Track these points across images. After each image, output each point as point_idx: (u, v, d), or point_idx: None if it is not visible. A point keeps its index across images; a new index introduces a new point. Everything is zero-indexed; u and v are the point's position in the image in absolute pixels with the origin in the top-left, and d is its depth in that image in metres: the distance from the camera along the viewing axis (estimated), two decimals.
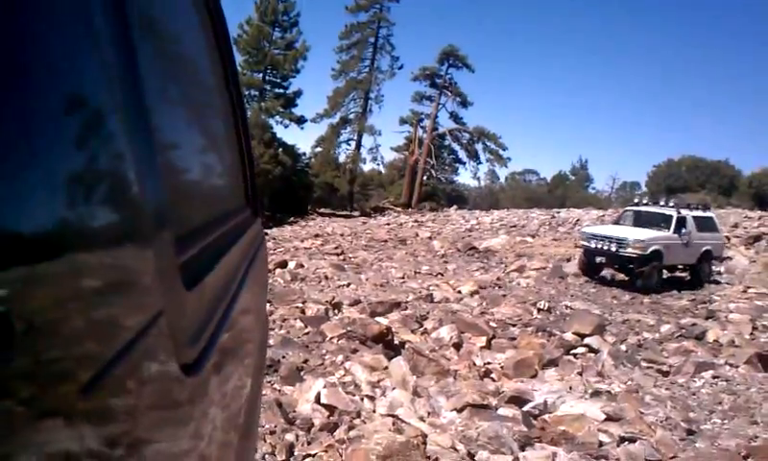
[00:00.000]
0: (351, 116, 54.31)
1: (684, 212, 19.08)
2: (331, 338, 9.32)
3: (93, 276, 0.58)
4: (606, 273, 18.97)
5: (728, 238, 24.21)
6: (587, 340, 10.67)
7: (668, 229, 18.34)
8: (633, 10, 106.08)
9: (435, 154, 53.67)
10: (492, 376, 8.86)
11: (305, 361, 8.25)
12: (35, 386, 0.47)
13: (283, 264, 16.10)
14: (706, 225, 19.70)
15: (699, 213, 20.04)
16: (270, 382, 7.30)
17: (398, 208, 46.43)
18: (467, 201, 58.30)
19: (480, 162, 55.53)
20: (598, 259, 18.27)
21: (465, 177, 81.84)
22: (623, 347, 10.79)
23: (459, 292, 14.77)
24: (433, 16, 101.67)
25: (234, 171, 2.16)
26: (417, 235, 26.67)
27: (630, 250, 17.41)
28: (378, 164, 58.60)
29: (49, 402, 0.49)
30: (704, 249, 19.07)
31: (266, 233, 15.69)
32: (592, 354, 10.06)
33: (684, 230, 18.39)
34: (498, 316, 12.32)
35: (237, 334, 1.46)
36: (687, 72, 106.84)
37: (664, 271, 18.91)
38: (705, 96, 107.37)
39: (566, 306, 14.04)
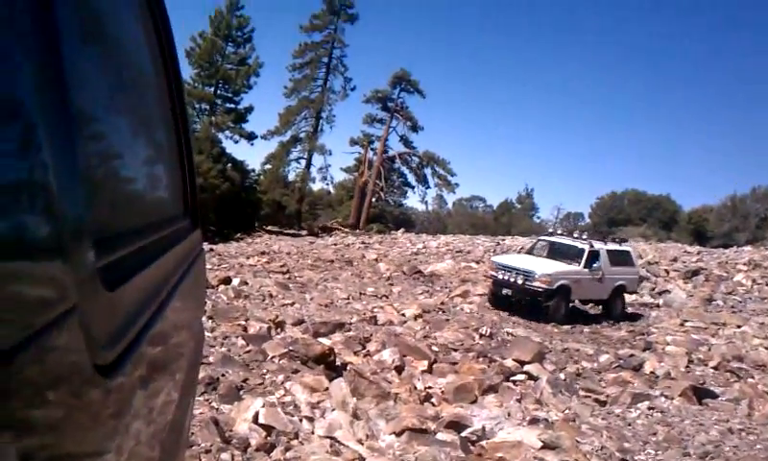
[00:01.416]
0: (302, 135, 54.26)
1: (597, 246, 18.73)
2: (272, 357, 9.18)
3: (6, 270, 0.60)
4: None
5: (666, 272, 24.78)
6: (526, 367, 10.74)
7: (579, 263, 17.97)
8: (579, 44, 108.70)
9: (384, 176, 53.90)
10: (433, 400, 8.86)
11: (245, 380, 8.11)
12: None
13: (227, 281, 15.86)
14: (620, 259, 19.38)
15: (614, 247, 19.77)
16: (207, 400, 7.16)
17: (346, 229, 46.40)
18: (414, 224, 58.59)
19: (429, 187, 56.09)
20: (504, 291, 17.65)
21: (413, 200, 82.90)
22: (562, 375, 10.90)
23: (403, 315, 14.77)
24: (387, 40, 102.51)
25: (173, 180, 2.12)
26: (363, 257, 26.64)
27: (536, 284, 16.96)
28: (328, 184, 58.65)
29: None
30: (617, 284, 18.79)
31: (212, 249, 15.49)
32: (531, 382, 10.14)
33: (595, 265, 18.07)
34: (441, 340, 12.35)
35: (165, 343, 1.43)
36: (633, 108, 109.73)
37: (578, 303, 18.92)
38: (650, 133, 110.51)
39: (508, 333, 14.16)
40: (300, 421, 6.91)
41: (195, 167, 2.55)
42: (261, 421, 6.49)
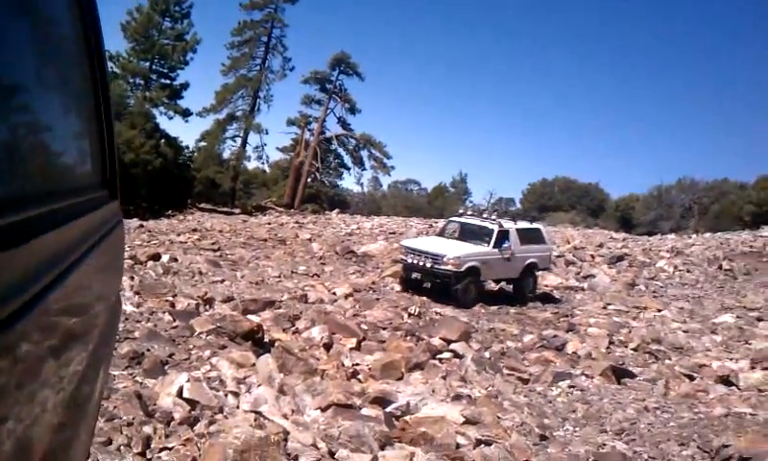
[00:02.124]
0: (239, 113, 53.40)
1: (506, 225, 18.68)
2: (200, 333, 9.15)
3: None
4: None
5: (592, 257, 25.44)
6: (453, 346, 10.95)
7: (488, 243, 17.80)
8: (513, 33, 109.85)
9: (321, 157, 53.60)
10: (360, 377, 8.97)
11: (171, 355, 8.08)
12: None
13: (156, 257, 15.65)
14: (531, 237, 19.33)
15: (524, 225, 19.82)
16: (131, 374, 7.11)
17: (280, 209, 46.02)
18: (349, 205, 58.46)
19: (364, 169, 55.99)
20: (414, 275, 17.37)
21: (348, 182, 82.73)
22: (487, 354, 11.16)
23: (334, 294, 14.85)
24: (327, 21, 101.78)
25: (90, 150, 2.11)
26: (297, 236, 26.51)
27: (444, 266, 16.71)
28: (263, 163, 57.91)
29: None
30: (528, 262, 18.69)
31: (142, 225, 15.23)
32: (457, 360, 10.36)
33: (505, 245, 17.91)
34: (370, 319, 12.49)
35: (67, 310, 1.42)
36: (566, 97, 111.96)
37: (492, 283, 19.03)
38: (582, 122, 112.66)
39: (436, 313, 14.41)
40: (226, 396, 6.93)
41: (115, 139, 2.51)
42: (186, 395, 6.47)
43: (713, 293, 20.78)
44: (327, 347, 9.98)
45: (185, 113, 48.20)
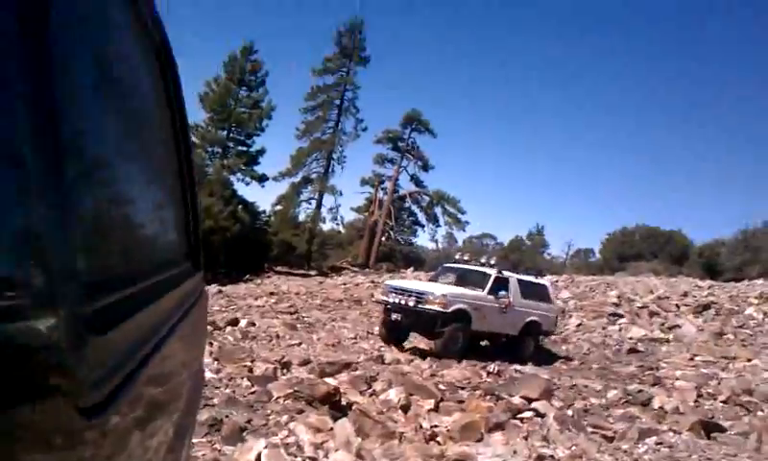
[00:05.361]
0: (313, 176, 54.38)
1: (506, 274, 17.04)
2: (277, 398, 9.21)
3: None
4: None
5: (677, 306, 24.61)
6: (534, 404, 10.67)
7: (483, 288, 16.01)
8: (586, 85, 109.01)
9: (395, 215, 54.06)
10: (438, 439, 8.82)
11: (249, 421, 8.13)
12: None
13: (235, 322, 15.93)
14: (535, 292, 17.45)
15: (528, 278, 18.09)
16: (210, 442, 7.18)
17: (356, 268, 46.35)
18: (424, 263, 58.40)
19: (439, 225, 56.17)
20: (394, 316, 15.62)
21: (423, 239, 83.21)
22: (569, 412, 10.85)
23: (410, 354, 14.75)
24: (398, 80, 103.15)
25: (176, 224, 2.17)
26: (372, 296, 26.58)
27: (429, 306, 14.97)
28: (338, 224, 58.51)
29: None
30: (528, 319, 16.78)
31: (221, 290, 15.55)
32: (539, 419, 10.09)
33: (502, 293, 16.09)
34: (448, 378, 12.35)
35: (158, 385, 1.44)
36: (643, 145, 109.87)
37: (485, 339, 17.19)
38: (660, 168, 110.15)
39: (516, 370, 14.13)
40: None
41: (199, 212, 2.58)
42: None
43: None
44: (405, 408, 9.88)
45: (262, 178, 49.37)
